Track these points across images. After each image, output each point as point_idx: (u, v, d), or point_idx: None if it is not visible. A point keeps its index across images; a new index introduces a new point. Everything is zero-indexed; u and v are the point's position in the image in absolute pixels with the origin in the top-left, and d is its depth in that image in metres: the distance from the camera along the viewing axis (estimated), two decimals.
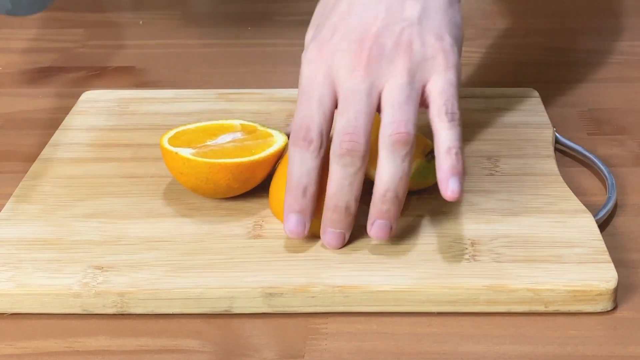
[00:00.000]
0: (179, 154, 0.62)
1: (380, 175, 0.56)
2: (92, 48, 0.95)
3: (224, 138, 0.64)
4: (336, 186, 0.56)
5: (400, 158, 0.56)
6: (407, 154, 0.56)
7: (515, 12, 1.03)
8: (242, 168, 0.61)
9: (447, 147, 0.56)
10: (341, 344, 0.53)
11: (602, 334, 0.54)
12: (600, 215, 0.62)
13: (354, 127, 0.56)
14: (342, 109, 0.57)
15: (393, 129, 0.55)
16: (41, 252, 0.59)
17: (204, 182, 0.62)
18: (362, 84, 0.57)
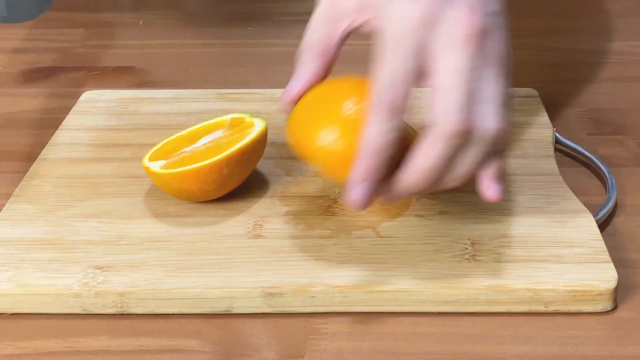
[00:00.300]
0: (150, 169, 0.62)
1: (464, 167, 0.52)
2: (92, 48, 0.95)
3: (204, 140, 0.64)
4: (435, 161, 0.51)
5: (483, 151, 0.52)
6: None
7: (515, 12, 1.02)
8: (205, 171, 0.60)
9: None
10: (341, 344, 0.53)
11: (602, 334, 0.54)
12: (600, 215, 0.62)
13: (467, 112, 0.50)
14: (449, 85, 0.50)
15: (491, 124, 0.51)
16: (41, 252, 0.59)
17: (179, 192, 0.62)
18: (470, 64, 0.50)
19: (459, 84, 0.50)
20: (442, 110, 0.50)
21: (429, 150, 0.51)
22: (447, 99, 0.50)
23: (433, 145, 0.51)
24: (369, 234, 0.60)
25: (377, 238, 0.59)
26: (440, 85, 0.51)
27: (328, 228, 0.60)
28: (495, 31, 0.51)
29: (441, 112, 0.50)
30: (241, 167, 0.62)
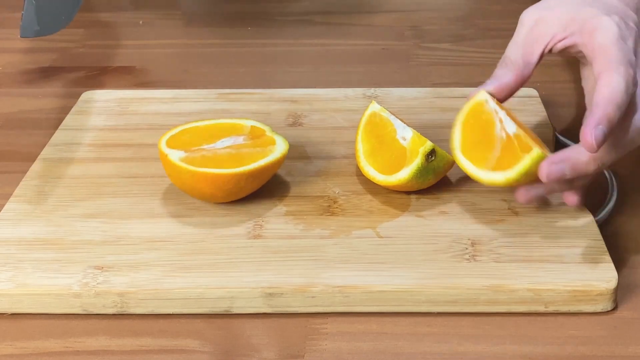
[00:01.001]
0: (168, 157, 0.62)
1: None
2: (92, 48, 0.95)
3: (224, 142, 0.64)
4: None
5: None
6: None
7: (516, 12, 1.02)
8: (224, 179, 0.61)
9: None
10: (341, 344, 0.53)
11: (602, 334, 0.54)
12: (600, 215, 0.62)
13: None
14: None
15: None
16: (41, 252, 0.59)
17: (190, 188, 0.62)
18: None
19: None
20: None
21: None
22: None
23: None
24: (369, 234, 0.60)
25: (377, 238, 0.59)
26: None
27: (328, 228, 0.60)
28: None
29: None
30: (256, 182, 0.63)
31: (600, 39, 0.59)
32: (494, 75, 0.63)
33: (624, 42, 0.59)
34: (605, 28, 0.59)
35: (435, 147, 0.62)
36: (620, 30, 0.59)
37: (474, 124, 0.61)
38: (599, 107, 0.56)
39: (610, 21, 0.60)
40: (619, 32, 0.59)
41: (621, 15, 0.61)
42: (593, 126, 0.55)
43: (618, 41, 0.59)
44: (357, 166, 0.64)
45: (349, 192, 0.64)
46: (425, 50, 0.92)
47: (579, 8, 0.62)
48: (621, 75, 0.57)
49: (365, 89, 0.79)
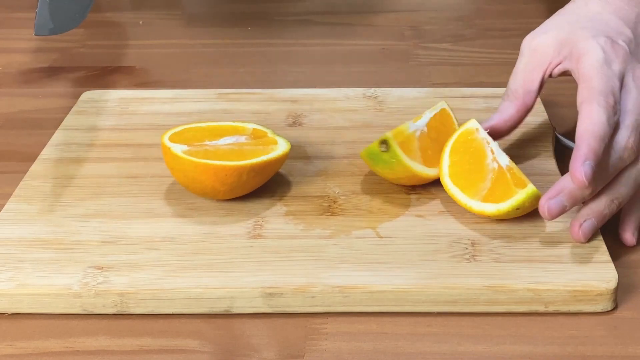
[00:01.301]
0: (171, 149, 0.62)
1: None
2: (92, 48, 0.95)
3: (226, 140, 0.64)
4: (622, 183, 0.59)
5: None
6: None
7: (516, 12, 1.02)
8: (227, 171, 0.61)
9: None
10: (341, 344, 0.53)
11: (602, 334, 0.54)
12: None
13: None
14: (635, 109, 0.59)
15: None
16: (41, 252, 0.59)
17: (192, 181, 0.62)
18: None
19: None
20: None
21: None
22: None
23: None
24: (369, 234, 0.60)
25: (377, 238, 0.59)
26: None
27: (328, 228, 0.60)
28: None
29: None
30: (257, 178, 0.63)
31: (584, 66, 0.60)
32: (498, 109, 0.65)
33: (608, 67, 0.60)
34: (590, 54, 0.60)
35: (389, 140, 0.62)
36: (605, 54, 0.60)
37: (464, 151, 0.62)
38: (583, 142, 0.56)
39: (595, 45, 0.61)
40: (603, 56, 0.60)
41: (611, 34, 0.61)
42: (580, 163, 0.56)
43: (601, 67, 0.59)
44: (357, 166, 0.64)
45: (349, 192, 0.64)
46: (425, 50, 0.92)
47: (572, 30, 0.63)
48: (601, 106, 0.57)
49: (365, 89, 0.79)
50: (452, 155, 0.62)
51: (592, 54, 0.60)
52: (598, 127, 0.57)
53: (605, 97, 0.58)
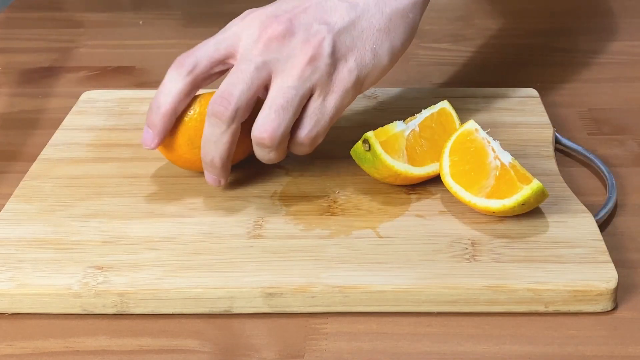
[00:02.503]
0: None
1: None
2: (92, 48, 0.95)
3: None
4: (203, 140, 0.61)
5: (263, 151, 0.61)
6: (270, 151, 0.60)
7: (516, 12, 1.03)
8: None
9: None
10: (341, 344, 0.53)
11: (602, 334, 0.54)
12: (600, 215, 0.62)
13: (229, 92, 0.59)
14: (230, 72, 0.60)
15: (260, 132, 0.59)
16: (41, 252, 0.59)
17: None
18: (257, 57, 0.59)
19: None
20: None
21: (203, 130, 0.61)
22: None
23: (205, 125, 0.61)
24: (369, 234, 0.60)
25: (377, 238, 0.59)
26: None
27: (328, 228, 0.60)
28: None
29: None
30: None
31: None
32: None
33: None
34: None
35: (369, 139, 0.62)
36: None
37: (464, 151, 0.62)
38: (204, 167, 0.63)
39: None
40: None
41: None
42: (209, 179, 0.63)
43: None
44: (357, 166, 0.64)
45: (349, 192, 0.64)
46: (425, 50, 0.92)
47: None
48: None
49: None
50: (452, 155, 0.62)
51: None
52: (159, 91, 0.62)
53: (181, 58, 0.62)
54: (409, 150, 0.63)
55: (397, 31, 0.62)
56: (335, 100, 0.60)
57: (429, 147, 0.64)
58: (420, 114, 0.66)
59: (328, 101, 0.60)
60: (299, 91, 0.59)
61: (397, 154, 0.62)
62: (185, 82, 0.61)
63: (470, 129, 0.63)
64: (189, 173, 0.67)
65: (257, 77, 0.59)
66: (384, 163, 0.62)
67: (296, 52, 0.59)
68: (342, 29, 0.60)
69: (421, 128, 0.65)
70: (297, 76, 0.59)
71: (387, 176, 0.63)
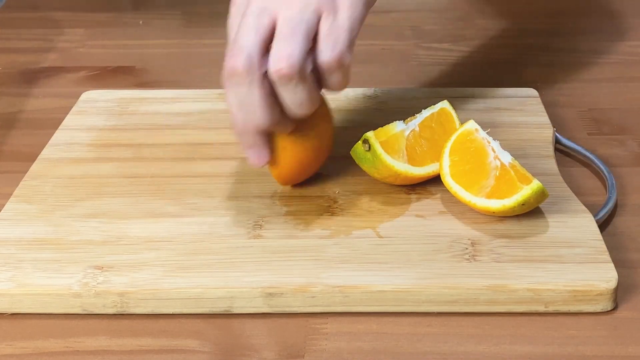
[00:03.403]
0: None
1: (284, 103, 0.57)
2: (92, 48, 0.95)
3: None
4: (232, 109, 0.58)
5: (291, 90, 0.56)
6: (297, 85, 0.56)
7: (515, 12, 1.03)
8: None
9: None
10: (341, 344, 0.53)
11: (602, 334, 0.54)
12: (600, 215, 0.62)
13: (238, 46, 0.56)
14: (237, 29, 0.57)
15: (275, 65, 0.55)
16: (41, 252, 0.59)
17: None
18: (255, 5, 0.57)
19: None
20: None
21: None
22: None
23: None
24: (369, 234, 0.60)
25: (377, 238, 0.59)
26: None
27: (328, 228, 0.60)
28: None
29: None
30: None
31: None
32: None
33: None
34: None
35: (369, 139, 0.62)
36: None
37: (464, 151, 0.62)
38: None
39: None
40: None
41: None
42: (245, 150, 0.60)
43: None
44: (357, 166, 0.64)
45: (349, 192, 0.64)
46: (425, 50, 0.92)
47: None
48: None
49: (366, 89, 0.79)
50: (452, 155, 0.62)
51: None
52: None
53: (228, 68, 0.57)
54: (409, 150, 0.63)
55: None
56: (346, 13, 0.57)
57: (429, 147, 0.64)
58: (420, 114, 0.66)
59: (340, 16, 0.57)
60: (303, 16, 0.56)
61: (397, 154, 0.62)
62: (260, 86, 0.57)
63: (470, 129, 0.63)
64: (189, 173, 0.67)
65: (261, 23, 0.56)
66: (384, 163, 0.62)
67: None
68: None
69: (421, 128, 0.65)
70: (297, 4, 0.56)
71: (387, 176, 0.63)
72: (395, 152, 0.62)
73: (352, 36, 0.58)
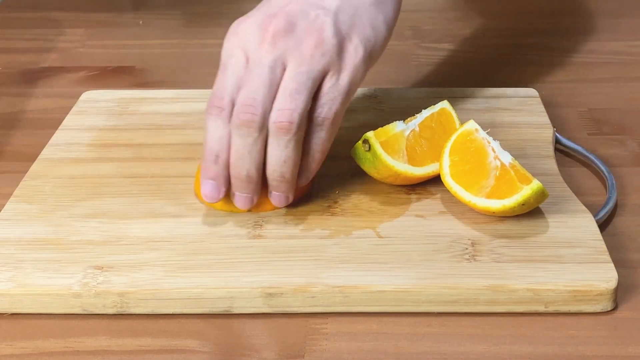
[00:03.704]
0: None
1: (268, 159, 0.59)
2: (92, 48, 0.95)
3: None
4: (235, 155, 0.59)
5: (283, 144, 0.59)
6: (289, 140, 0.58)
7: (516, 12, 1.03)
8: None
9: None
10: (341, 344, 0.53)
11: (602, 334, 0.54)
12: (600, 215, 0.62)
13: (252, 99, 0.58)
14: (245, 80, 0.59)
15: (277, 117, 0.58)
16: (41, 252, 0.59)
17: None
18: (267, 57, 0.59)
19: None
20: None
21: (232, 146, 0.60)
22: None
23: (232, 140, 0.60)
24: (369, 234, 0.60)
25: (377, 238, 0.59)
26: None
27: (328, 228, 0.60)
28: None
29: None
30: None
31: None
32: None
33: (233, 58, 0.60)
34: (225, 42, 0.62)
35: (369, 139, 0.62)
36: (244, 39, 0.60)
37: (464, 151, 0.62)
38: (202, 162, 0.60)
39: (240, 27, 0.61)
40: (239, 43, 0.60)
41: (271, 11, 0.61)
42: (202, 182, 0.60)
43: (226, 60, 0.60)
44: (357, 166, 0.64)
45: (349, 192, 0.64)
46: (425, 50, 0.92)
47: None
48: (210, 115, 0.59)
49: (365, 89, 0.79)
50: (452, 155, 0.62)
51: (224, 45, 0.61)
52: (208, 142, 0.59)
53: (214, 104, 0.59)
54: (409, 150, 0.63)
55: (386, 2, 0.63)
56: (347, 77, 0.60)
57: (429, 147, 0.64)
58: (420, 114, 0.66)
59: (341, 79, 0.60)
60: (310, 74, 0.59)
61: (397, 154, 0.62)
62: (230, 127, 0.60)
63: (470, 129, 0.63)
64: (189, 173, 0.67)
65: (273, 76, 0.59)
66: (384, 163, 0.62)
67: (302, 40, 0.59)
68: (337, 9, 0.61)
69: (421, 128, 0.65)
70: (307, 61, 0.59)
71: (387, 176, 0.63)
72: (395, 152, 0.62)
73: (349, 97, 0.61)
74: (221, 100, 0.59)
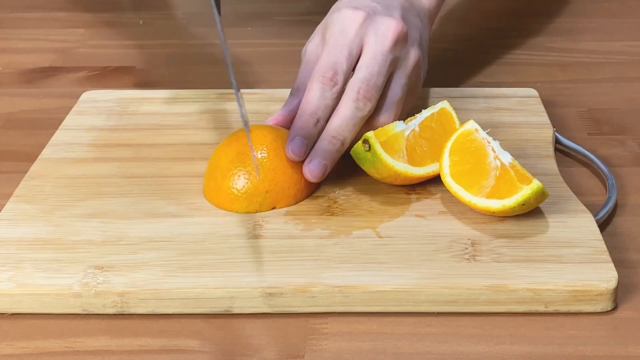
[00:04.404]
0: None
1: (335, 120, 0.64)
2: (92, 48, 0.95)
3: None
4: (342, 120, 0.63)
5: (352, 107, 0.63)
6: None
7: (515, 11, 1.03)
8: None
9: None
10: (341, 344, 0.53)
11: (602, 334, 0.54)
12: (600, 215, 0.62)
13: (374, 83, 0.64)
14: (368, 63, 0.64)
15: (383, 118, 0.65)
16: (41, 252, 0.59)
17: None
18: (389, 54, 0.65)
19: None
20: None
21: (341, 112, 0.64)
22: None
23: (344, 107, 0.64)
24: (369, 233, 0.60)
25: (377, 238, 0.59)
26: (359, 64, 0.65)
27: (328, 228, 0.60)
28: (411, 43, 0.67)
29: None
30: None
31: (324, 43, 0.67)
32: (285, 103, 0.68)
33: (342, 37, 0.65)
34: (329, 28, 0.67)
35: (369, 139, 0.62)
36: (343, 25, 0.66)
37: (464, 151, 0.62)
38: (295, 120, 0.64)
39: (336, 18, 0.67)
40: (339, 28, 0.66)
41: (354, 3, 0.67)
42: (290, 140, 0.62)
43: (333, 39, 0.66)
44: (357, 166, 0.64)
45: (349, 192, 0.64)
46: None
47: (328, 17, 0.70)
48: (317, 81, 0.64)
49: None
50: (452, 155, 0.62)
51: (330, 28, 0.66)
52: (309, 104, 0.63)
53: (323, 73, 0.64)
54: (409, 150, 0.63)
55: (425, 55, 0.72)
56: (412, 99, 0.69)
57: (429, 147, 0.64)
58: (420, 114, 0.66)
59: (409, 98, 0.69)
60: (404, 89, 0.66)
61: (397, 154, 0.63)
62: (336, 101, 0.65)
63: (470, 129, 0.63)
64: (189, 173, 0.67)
65: (387, 71, 0.65)
66: (384, 163, 0.62)
67: (409, 57, 0.67)
68: (417, 41, 0.69)
69: (421, 128, 0.65)
70: (407, 77, 0.66)
71: (387, 176, 0.63)
72: (395, 152, 0.62)
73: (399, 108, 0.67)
74: (336, 75, 0.64)
